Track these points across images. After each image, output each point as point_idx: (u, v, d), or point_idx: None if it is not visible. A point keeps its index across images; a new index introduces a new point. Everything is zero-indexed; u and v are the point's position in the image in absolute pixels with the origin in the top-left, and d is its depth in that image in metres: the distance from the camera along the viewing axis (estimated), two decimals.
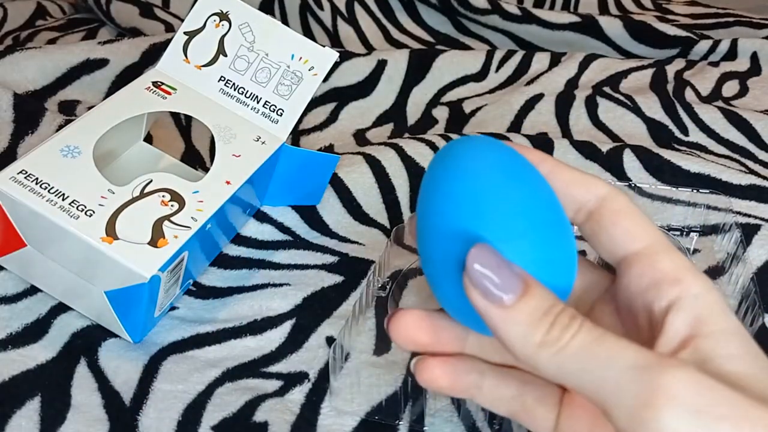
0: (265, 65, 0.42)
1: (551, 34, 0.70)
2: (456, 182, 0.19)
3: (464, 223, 0.19)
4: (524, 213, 0.19)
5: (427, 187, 0.20)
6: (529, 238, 0.18)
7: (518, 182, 0.19)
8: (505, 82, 0.63)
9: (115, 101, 0.40)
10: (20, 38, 0.67)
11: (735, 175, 0.49)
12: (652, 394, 0.16)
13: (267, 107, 0.42)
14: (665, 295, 0.19)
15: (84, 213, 0.34)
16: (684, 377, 0.16)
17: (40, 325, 0.37)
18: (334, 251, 0.44)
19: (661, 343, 0.18)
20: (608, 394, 0.17)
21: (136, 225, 0.35)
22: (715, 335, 0.18)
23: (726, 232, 0.44)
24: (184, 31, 0.43)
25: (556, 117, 0.58)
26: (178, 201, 0.36)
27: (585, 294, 0.22)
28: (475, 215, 0.18)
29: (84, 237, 0.34)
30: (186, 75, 0.42)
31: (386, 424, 0.34)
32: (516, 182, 0.19)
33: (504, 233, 0.18)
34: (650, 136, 0.57)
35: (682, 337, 0.18)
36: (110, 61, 0.57)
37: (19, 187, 0.34)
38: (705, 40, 0.68)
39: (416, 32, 0.74)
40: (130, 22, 0.67)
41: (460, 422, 0.34)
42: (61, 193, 0.35)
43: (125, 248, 0.34)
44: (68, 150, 0.37)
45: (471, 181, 0.19)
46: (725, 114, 0.57)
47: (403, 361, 0.37)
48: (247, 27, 0.42)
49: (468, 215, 0.19)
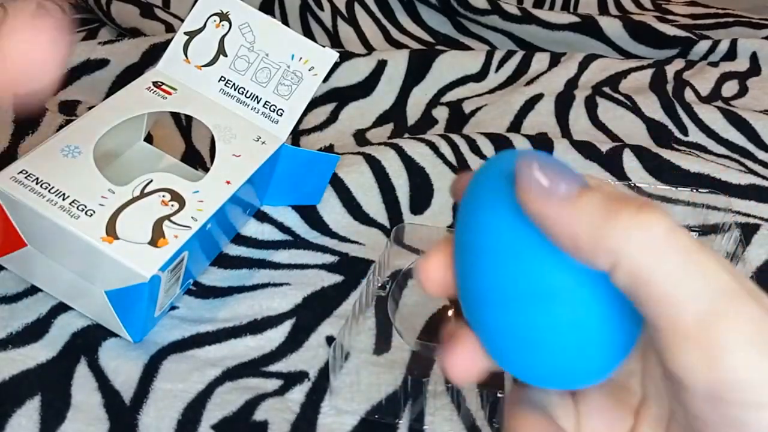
0: (266, 65, 0.42)
1: (551, 35, 0.70)
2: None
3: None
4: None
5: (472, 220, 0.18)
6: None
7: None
8: (505, 83, 0.63)
9: (115, 101, 0.40)
10: None
11: (734, 174, 0.49)
12: (718, 302, 0.15)
13: (267, 107, 0.42)
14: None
15: (84, 213, 0.34)
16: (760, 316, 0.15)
17: (40, 324, 0.37)
18: (334, 251, 0.44)
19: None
20: (690, 318, 0.15)
21: (137, 225, 0.35)
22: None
23: (725, 231, 0.44)
24: (185, 31, 0.43)
25: (555, 117, 0.58)
26: (178, 201, 0.36)
27: None
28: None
29: (84, 237, 0.34)
30: (186, 75, 0.42)
31: (386, 423, 0.34)
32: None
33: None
34: (650, 136, 0.57)
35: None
36: (110, 62, 0.57)
37: (19, 186, 0.35)
38: (704, 41, 0.68)
39: (416, 32, 0.74)
40: (131, 22, 0.67)
41: (460, 421, 0.34)
42: (62, 193, 0.35)
43: (125, 248, 0.34)
44: (68, 150, 0.37)
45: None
46: (725, 114, 0.57)
47: (402, 360, 0.37)
48: (247, 27, 0.42)
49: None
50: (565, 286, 0.16)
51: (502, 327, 0.17)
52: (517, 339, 0.17)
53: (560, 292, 0.16)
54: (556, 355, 0.17)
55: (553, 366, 0.17)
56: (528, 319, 0.17)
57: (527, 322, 0.17)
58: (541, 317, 0.17)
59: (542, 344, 0.17)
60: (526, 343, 0.17)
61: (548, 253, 0.16)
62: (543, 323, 0.17)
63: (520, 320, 0.17)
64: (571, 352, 0.17)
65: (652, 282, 0.15)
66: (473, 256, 0.17)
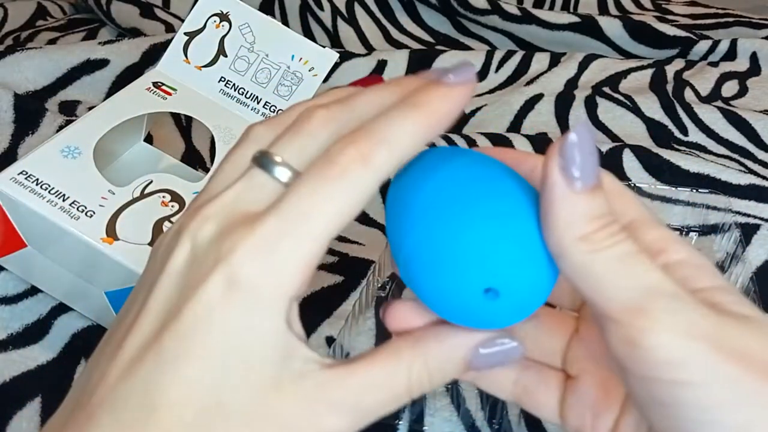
0: (265, 66, 0.42)
1: (551, 35, 0.70)
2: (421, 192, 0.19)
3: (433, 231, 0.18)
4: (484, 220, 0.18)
5: (396, 198, 0.20)
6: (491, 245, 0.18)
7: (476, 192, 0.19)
8: (505, 83, 0.63)
9: (115, 102, 0.40)
10: (21, 38, 0.67)
11: (734, 174, 0.49)
12: (650, 316, 0.17)
13: (267, 108, 0.42)
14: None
15: (84, 214, 0.34)
16: (693, 309, 0.17)
17: (40, 325, 0.37)
18: (334, 251, 0.44)
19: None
20: (617, 306, 0.17)
21: (137, 226, 0.35)
22: (705, 291, 0.18)
23: (725, 231, 0.44)
24: (185, 31, 0.43)
25: (555, 117, 0.58)
26: (178, 201, 0.36)
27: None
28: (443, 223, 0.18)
29: (84, 238, 0.34)
30: (186, 75, 0.42)
31: (386, 423, 0.34)
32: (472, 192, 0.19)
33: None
34: (650, 136, 0.57)
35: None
36: (111, 62, 0.57)
37: (19, 187, 0.34)
38: (704, 41, 0.68)
39: (416, 32, 0.74)
40: (131, 22, 0.67)
41: (460, 422, 0.34)
42: (62, 194, 0.35)
43: (126, 249, 0.34)
44: (69, 150, 0.37)
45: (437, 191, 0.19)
46: (725, 114, 0.57)
47: None
48: (247, 27, 0.42)
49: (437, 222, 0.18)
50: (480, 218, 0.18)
51: (424, 268, 0.19)
52: (439, 279, 0.18)
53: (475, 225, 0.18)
54: (479, 284, 0.18)
55: (480, 304, 0.18)
56: (446, 251, 0.18)
57: (445, 255, 0.18)
58: (459, 249, 0.18)
59: (465, 278, 0.18)
60: (447, 281, 0.18)
61: (459, 201, 0.18)
62: (462, 256, 0.18)
63: (439, 254, 0.18)
64: (494, 281, 0.18)
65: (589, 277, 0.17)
66: (400, 221, 0.19)
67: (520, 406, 0.22)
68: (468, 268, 0.18)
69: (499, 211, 0.18)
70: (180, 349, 0.17)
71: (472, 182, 0.19)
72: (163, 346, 0.17)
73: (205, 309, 0.17)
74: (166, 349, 0.17)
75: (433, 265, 0.18)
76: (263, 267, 0.17)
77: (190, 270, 0.18)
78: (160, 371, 0.17)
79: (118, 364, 0.18)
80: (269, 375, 0.17)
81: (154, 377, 0.17)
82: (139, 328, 0.18)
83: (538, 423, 0.34)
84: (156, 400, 0.17)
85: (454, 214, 0.18)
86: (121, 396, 0.17)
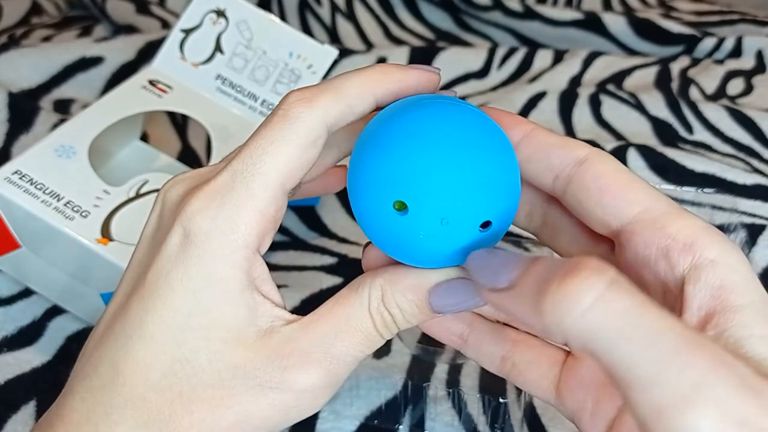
0: (263, 63, 0.42)
1: (554, 31, 0.69)
2: (395, 133, 0.18)
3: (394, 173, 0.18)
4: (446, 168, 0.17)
5: (367, 135, 0.19)
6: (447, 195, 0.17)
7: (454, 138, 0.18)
8: (508, 80, 0.62)
9: (110, 100, 0.39)
10: (15, 36, 0.66)
11: (740, 174, 0.49)
12: (692, 390, 0.13)
13: (265, 106, 0.42)
14: (678, 265, 0.16)
15: (79, 214, 0.34)
16: (729, 377, 0.13)
17: (34, 328, 0.37)
18: (333, 252, 0.43)
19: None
20: (639, 375, 0.13)
21: (132, 226, 0.34)
22: (744, 310, 0.15)
23: (731, 232, 0.44)
24: (181, 28, 0.42)
25: (559, 115, 0.58)
26: None
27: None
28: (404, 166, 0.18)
29: (79, 238, 0.33)
30: (182, 73, 0.42)
31: (386, 428, 0.34)
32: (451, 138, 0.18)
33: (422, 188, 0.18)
34: (655, 134, 0.56)
35: (704, 314, 0.15)
36: (106, 59, 0.57)
37: (13, 187, 0.34)
38: (710, 38, 0.67)
39: (416, 29, 0.73)
40: (126, 19, 0.66)
41: (461, 426, 0.34)
42: (56, 194, 0.34)
43: (121, 250, 0.33)
44: (63, 150, 0.36)
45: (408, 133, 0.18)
46: (730, 112, 0.57)
47: (403, 364, 0.37)
48: (244, 24, 0.42)
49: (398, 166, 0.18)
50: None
51: (354, 185, 0.19)
52: (359, 194, 0.18)
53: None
54: (388, 198, 0.18)
55: (391, 218, 0.18)
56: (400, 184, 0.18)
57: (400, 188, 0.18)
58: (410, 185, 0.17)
59: (377, 192, 0.18)
60: (365, 197, 0.18)
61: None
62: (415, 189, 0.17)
63: (363, 171, 0.18)
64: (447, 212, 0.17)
65: (602, 360, 0.14)
66: (356, 147, 0.19)
67: (520, 408, 0.22)
68: (379, 181, 0.18)
69: (441, 139, 0.17)
70: (144, 309, 0.17)
71: (432, 116, 0.18)
72: (129, 308, 0.17)
73: (165, 265, 0.17)
74: (132, 311, 0.17)
75: (357, 180, 0.19)
76: (214, 216, 0.17)
77: (158, 232, 0.18)
78: (126, 335, 0.17)
79: (94, 336, 0.18)
80: (234, 330, 0.17)
81: (122, 341, 0.17)
82: (114, 299, 0.19)
83: (542, 427, 0.33)
84: (122, 363, 0.17)
85: (397, 139, 0.18)
86: (92, 364, 0.18)
